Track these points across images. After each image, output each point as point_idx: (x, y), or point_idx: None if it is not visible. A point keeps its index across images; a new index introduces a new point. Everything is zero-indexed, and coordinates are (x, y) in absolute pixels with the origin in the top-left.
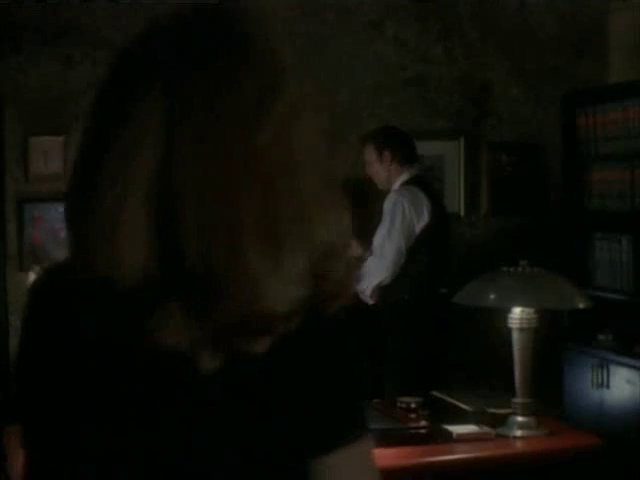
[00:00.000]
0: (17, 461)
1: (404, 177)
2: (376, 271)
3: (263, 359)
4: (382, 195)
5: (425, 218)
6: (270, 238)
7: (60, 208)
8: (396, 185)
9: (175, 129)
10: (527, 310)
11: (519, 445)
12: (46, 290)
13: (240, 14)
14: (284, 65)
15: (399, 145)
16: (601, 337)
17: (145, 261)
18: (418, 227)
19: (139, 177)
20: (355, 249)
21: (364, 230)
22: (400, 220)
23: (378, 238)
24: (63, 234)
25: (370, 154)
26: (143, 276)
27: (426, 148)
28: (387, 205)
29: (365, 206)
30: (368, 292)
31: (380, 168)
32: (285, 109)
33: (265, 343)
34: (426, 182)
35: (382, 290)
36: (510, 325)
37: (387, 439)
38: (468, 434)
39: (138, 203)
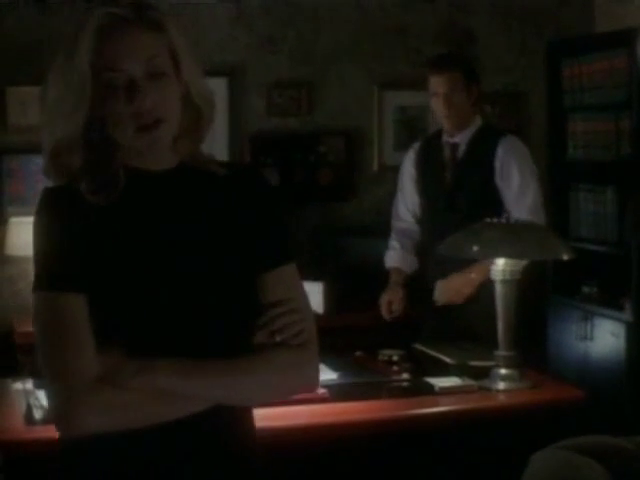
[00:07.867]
0: None
1: (479, 121)
2: None
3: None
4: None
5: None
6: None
7: (38, 159)
8: (471, 129)
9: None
10: (510, 261)
11: (502, 398)
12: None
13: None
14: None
15: (479, 83)
16: (585, 289)
17: None
18: None
19: None
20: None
21: None
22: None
23: (531, 195)
24: (41, 185)
25: (455, 82)
26: None
27: (409, 98)
28: (508, 153)
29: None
30: None
31: (465, 101)
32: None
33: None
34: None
35: None
36: (493, 277)
37: (369, 392)
38: (450, 387)
39: None
